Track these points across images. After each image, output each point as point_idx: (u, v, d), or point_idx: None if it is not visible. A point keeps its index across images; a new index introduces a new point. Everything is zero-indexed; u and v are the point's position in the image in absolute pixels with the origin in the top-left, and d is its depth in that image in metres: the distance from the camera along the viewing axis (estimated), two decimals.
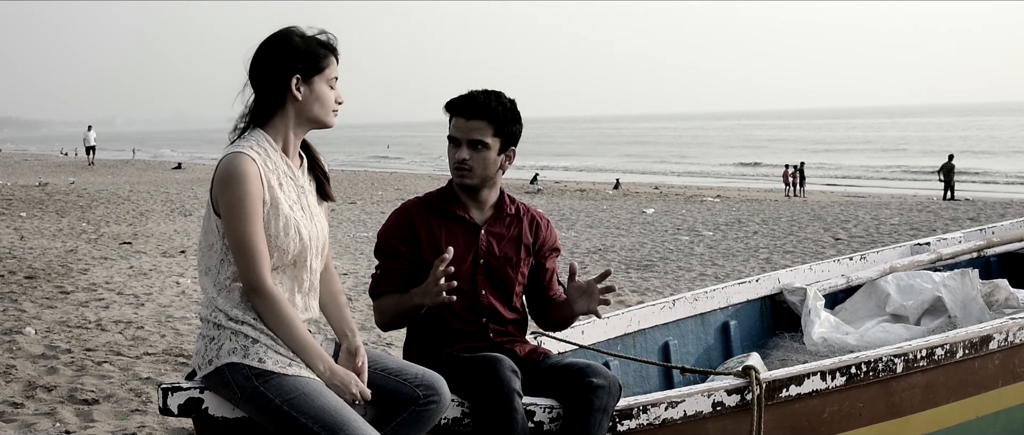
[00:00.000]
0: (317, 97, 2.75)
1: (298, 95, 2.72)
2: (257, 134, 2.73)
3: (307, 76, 2.73)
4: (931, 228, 15.77)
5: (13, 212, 17.63)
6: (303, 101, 2.73)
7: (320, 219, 2.83)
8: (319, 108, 2.76)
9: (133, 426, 4.88)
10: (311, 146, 2.90)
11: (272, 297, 2.64)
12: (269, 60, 2.72)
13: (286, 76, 2.70)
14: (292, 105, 2.74)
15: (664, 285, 9.91)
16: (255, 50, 2.75)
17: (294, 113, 2.75)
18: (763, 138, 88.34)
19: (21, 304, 8.23)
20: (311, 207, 2.80)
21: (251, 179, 2.62)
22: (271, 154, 2.72)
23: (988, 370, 3.90)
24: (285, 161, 2.76)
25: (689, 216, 18.95)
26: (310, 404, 2.58)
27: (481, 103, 3.15)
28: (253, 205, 2.62)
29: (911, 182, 38.83)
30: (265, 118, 2.75)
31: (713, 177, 44.27)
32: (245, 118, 2.76)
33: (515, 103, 3.23)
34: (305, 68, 2.72)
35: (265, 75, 2.72)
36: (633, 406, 3.05)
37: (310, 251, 2.75)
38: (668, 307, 4.67)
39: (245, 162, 2.63)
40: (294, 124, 2.76)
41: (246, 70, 2.75)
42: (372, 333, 7.23)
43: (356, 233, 15.28)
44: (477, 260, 3.22)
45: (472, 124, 3.15)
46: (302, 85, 2.72)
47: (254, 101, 2.75)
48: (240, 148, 2.66)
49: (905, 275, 5.25)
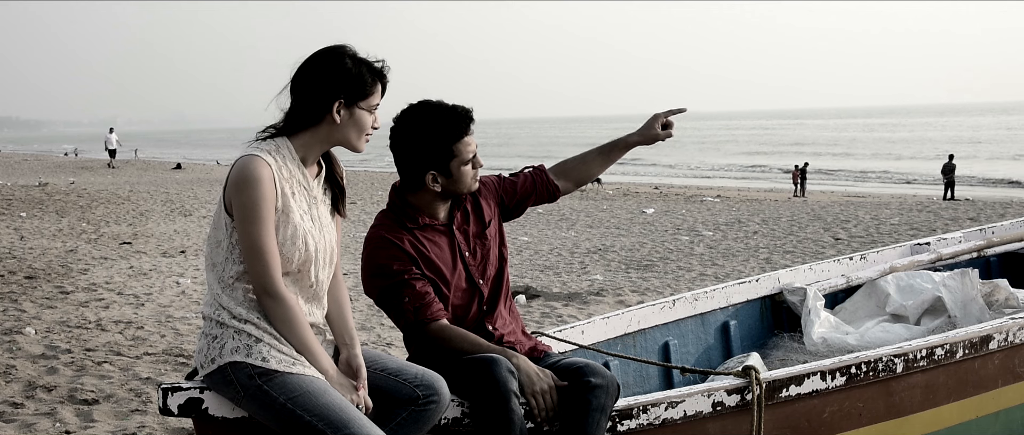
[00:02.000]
0: (355, 123, 2.73)
1: (337, 118, 2.71)
2: (280, 141, 2.72)
3: (350, 102, 2.71)
4: (931, 228, 15.76)
5: (13, 212, 17.63)
6: (341, 125, 2.72)
7: (329, 231, 2.81)
8: (353, 134, 2.75)
9: (133, 426, 4.88)
10: (334, 158, 2.88)
11: (285, 301, 2.64)
12: (316, 77, 2.70)
13: (330, 98, 2.69)
14: (327, 126, 2.72)
15: (664, 285, 9.91)
16: (304, 61, 2.72)
17: (327, 133, 2.73)
18: (764, 138, 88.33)
19: (21, 304, 8.23)
20: (321, 218, 2.79)
21: (265, 183, 2.62)
22: (288, 163, 2.71)
23: (988, 370, 3.90)
24: (301, 171, 2.74)
25: (689, 216, 18.95)
26: (315, 402, 2.58)
27: (471, 114, 3.14)
28: (267, 209, 2.62)
29: (909, 184, 38.82)
30: (296, 129, 2.73)
31: (713, 177, 44.26)
32: (279, 125, 2.74)
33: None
34: (350, 93, 2.70)
35: (309, 90, 2.70)
36: (633, 406, 3.05)
37: (315, 262, 2.74)
38: (668, 307, 4.67)
39: (260, 166, 2.62)
40: (323, 141, 2.75)
41: (290, 76, 2.73)
42: (372, 333, 7.24)
43: (356, 233, 15.28)
44: (462, 254, 3.21)
45: (474, 136, 3.17)
46: (343, 109, 2.71)
47: (291, 110, 2.73)
48: (257, 151, 2.66)
49: (905, 275, 5.25)
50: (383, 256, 3.11)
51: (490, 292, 3.26)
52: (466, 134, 3.10)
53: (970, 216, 17.99)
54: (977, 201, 24.31)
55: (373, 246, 3.15)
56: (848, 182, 40.08)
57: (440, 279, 3.15)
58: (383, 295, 3.12)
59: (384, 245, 3.12)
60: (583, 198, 25.07)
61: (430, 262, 3.13)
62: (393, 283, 3.09)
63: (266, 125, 2.75)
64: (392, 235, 3.13)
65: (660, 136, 3.48)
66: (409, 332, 3.14)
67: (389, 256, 3.10)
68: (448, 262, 3.18)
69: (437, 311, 3.09)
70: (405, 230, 3.15)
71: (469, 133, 3.11)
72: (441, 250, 3.17)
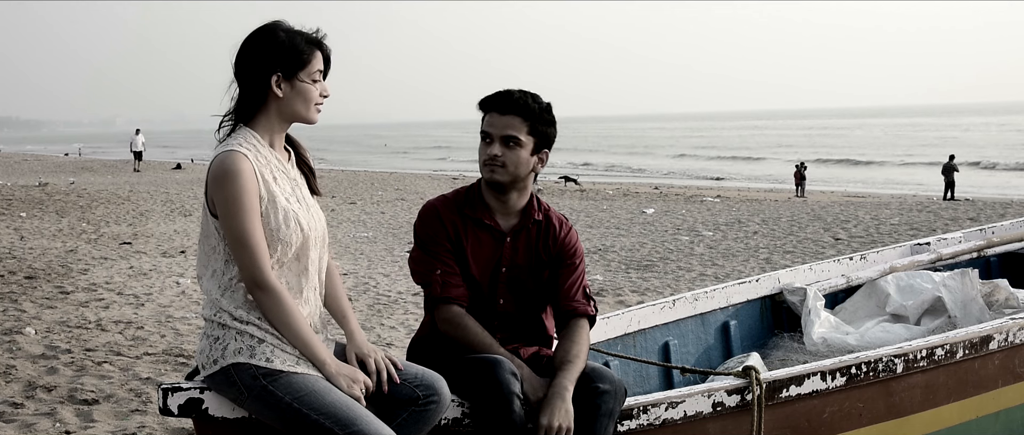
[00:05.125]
0: (298, 94, 2.73)
1: (279, 92, 2.71)
2: (244, 131, 2.72)
3: (289, 74, 2.70)
4: (931, 228, 15.76)
5: (13, 212, 17.63)
6: (284, 99, 2.72)
7: (316, 210, 2.83)
8: (300, 105, 2.74)
9: (133, 426, 4.88)
10: (296, 141, 2.89)
11: (275, 292, 2.64)
12: (251, 57, 2.70)
13: (267, 74, 2.69)
14: (274, 103, 2.73)
15: (664, 285, 9.91)
16: (239, 45, 2.73)
17: (276, 110, 2.74)
18: (764, 138, 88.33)
19: (21, 304, 8.23)
20: (306, 199, 2.81)
21: (246, 175, 2.62)
22: (261, 149, 2.72)
23: (988, 370, 3.90)
24: (275, 155, 2.76)
25: (689, 216, 18.94)
26: (321, 401, 2.58)
27: (517, 99, 3.09)
28: (250, 201, 2.62)
29: (908, 185, 38.81)
30: (250, 115, 2.74)
31: (714, 178, 44.26)
32: (230, 116, 2.75)
33: (551, 106, 3.16)
34: (287, 65, 2.70)
35: (247, 72, 2.71)
36: (633, 406, 3.05)
37: (311, 242, 2.76)
38: (668, 307, 4.67)
39: (238, 159, 2.63)
40: (277, 120, 2.76)
41: (231, 65, 2.74)
42: (371, 333, 7.24)
43: (356, 233, 15.28)
44: (499, 268, 3.17)
45: (506, 119, 3.08)
46: (283, 83, 2.71)
47: (239, 96, 2.74)
48: (231, 146, 2.66)
49: (905, 275, 5.25)
50: (431, 221, 3.15)
51: (508, 304, 3.20)
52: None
53: (970, 216, 17.99)
54: (977, 201, 24.31)
55: (426, 213, 3.19)
56: (848, 183, 40.07)
57: (463, 271, 3.15)
58: (420, 256, 3.16)
59: (431, 215, 3.16)
60: (583, 198, 25.07)
61: (461, 251, 3.13)
62: (428, 250, 3.13)
63: (219, 121, 2.75)
64: (442, 209, 3.17)
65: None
66: (430, 305, 3.16)
67: (435, 222, 3.15)
68: (482, 262, 3.15)
69: (461, 296, 3.10)
70: (458, 214, 3.16)
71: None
72: (481, 247, 3.16)
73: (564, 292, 3.19)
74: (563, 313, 3.20)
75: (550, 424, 2.83)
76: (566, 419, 2.85)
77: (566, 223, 3.28)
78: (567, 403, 2.88)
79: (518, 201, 3.18)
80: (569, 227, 3.28)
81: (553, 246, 3.21)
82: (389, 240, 14.34)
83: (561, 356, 3.05)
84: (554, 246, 3.21)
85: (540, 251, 3.20)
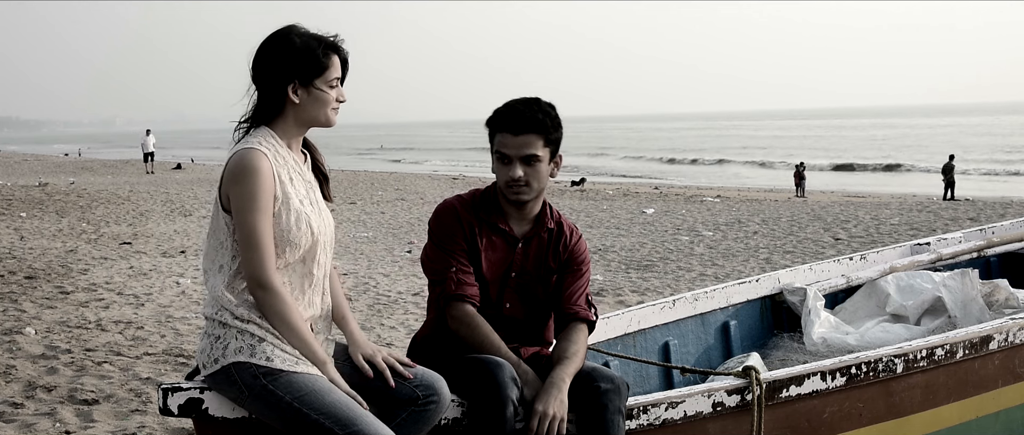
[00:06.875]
0: (315, 100, 2.74)
1: (296, 99, 2.73)
2: (264, 131, 2.74)
3: (306, 81, 2.72)
4: (931, 228, 15.76)
5: (13, 212, 17.63)
6: (301, 105, 2.74)
7: (327, 215, 2.85)
8: (317, 111, 2.76)
9: (133, 426, 4.88)
10: (313, 146, 2.91)
11: (276, 292, 2.64)
12: (267, 64, 2.72)
13: (283, 81, 2.71)
14: (292, 109, 2.74)
15: (664, 285, 9.91)
16: (256, 50, 2.75)
17: (294, 116, 2.75)
18: (764, 138, 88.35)
19: (21, 304, 8.23)
20: (319, 202, 2.82)
21: (263, 173, 2.63)
22: (280, 150, 2.73)
23: (988, 370, 3.90)
24: (293, 157, 2.77)
25: (689, 216, 18.94)
26: (321, 400, 2.59)
27: (528, 116, 3.05)
28: (265, 199, 2.63)
29: (910, 182, 38.81)
30: (268, 118, 2.76)
31: (713, 177, 44.27)
32: (248, 118, 2.77)
33: (555, 107, 3.14)
34: (304, 72, 2.71)
35: (264, 79, 2.73)
36: (633, 406, 3.05)
37: (320, 246, 2.77)
38: (668, 307, 4.67)
39: (257, 157, 2.64)
40: (294, 125, 2.77)
41: (249, 70, 2.75)
42: (371, 333, 7.24)
43: (356, 233, 15.28)
44: (509, 273, 3.18)
45: (522, 139, 3.05)
46: (300, 89, 2.72)
47: (257, 102, 2.76)
48: (250, 144, 2.67)
49: (905, 275, 5.25)
50: (448, 219, 3.14)
51: (515, 308, 3.20)
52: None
53: (970, 216, 17.99)
54: (977, 201, 24.30)
55: (444, 211, 3.18)
56: (849, 183, 40.08)
57: (474, 273, 3.15)
58: (435, 252, 3.15)
59: (450, 214, 3.15)
60: (583, 198, 25.07)
61: (475, 253, 3.13)
62: (444, 247, 3.12)
63: (237, 120, 2.76)
64: (460, 209, 3.16)
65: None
66: (441, 302, 3.13)
67: (453, 221, 3.14)
68: (493, 265, 3.15)
69: (473, 295, 3.10)
70: (474, 216, 3.16)
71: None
72: (494, 251, 3.16)
73: (566, 297, 3.21)
74: (564, 316, 3.21)
75: (545, 411, 2.85)
76: (561, 409, 2.88)
77: (577, 232, 3.30)
78: (563, 394, 2.91)
79: (534, 208, 3.19)
80: (579, 236, 3.30)
81: (563, 253, 3.23)
82: (389, 240, 14.35)
83: (559, 352, 3.07)
84: (564, 253, 3.23)
85: (550, 258, 3.21)
